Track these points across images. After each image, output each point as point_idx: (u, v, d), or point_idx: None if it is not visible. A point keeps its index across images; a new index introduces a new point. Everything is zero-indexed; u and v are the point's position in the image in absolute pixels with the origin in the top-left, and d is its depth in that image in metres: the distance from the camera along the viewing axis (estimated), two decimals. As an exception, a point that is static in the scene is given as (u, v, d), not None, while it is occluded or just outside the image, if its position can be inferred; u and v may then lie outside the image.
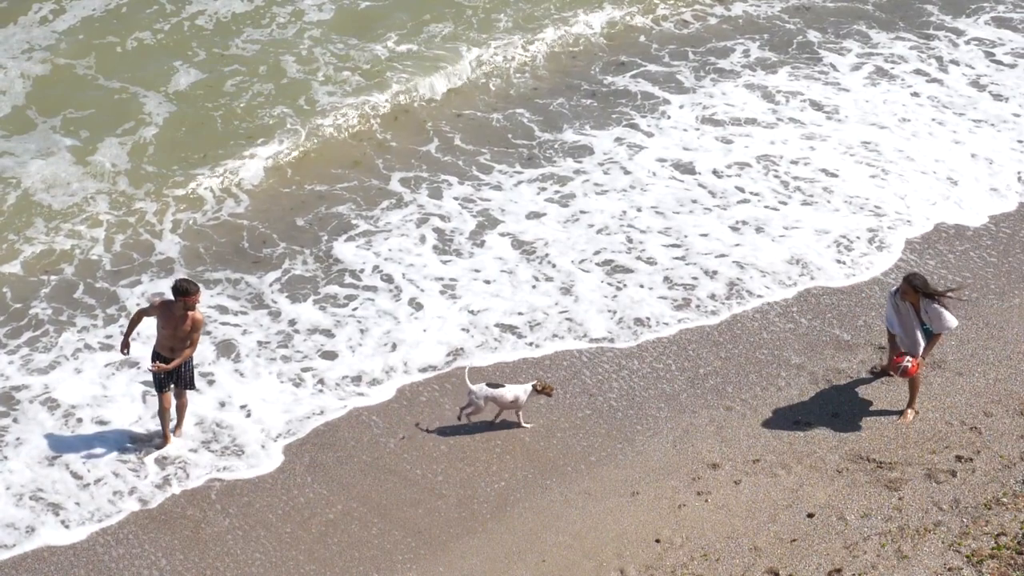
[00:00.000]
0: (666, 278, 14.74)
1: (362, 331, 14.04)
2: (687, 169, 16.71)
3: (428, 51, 18.94)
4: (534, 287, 14.69)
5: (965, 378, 12.90)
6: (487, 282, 14.81)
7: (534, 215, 15.91)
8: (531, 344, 13.77)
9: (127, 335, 12.43)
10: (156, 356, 12.20)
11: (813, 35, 19.73)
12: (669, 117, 17.81)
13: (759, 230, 15.48)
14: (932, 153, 16.83)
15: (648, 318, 14.10)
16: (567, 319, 14.13)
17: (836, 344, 13.52)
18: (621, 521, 11.50)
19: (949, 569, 10.61)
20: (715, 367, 13.32)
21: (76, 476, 12.24)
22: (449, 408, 12.91)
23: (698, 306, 14.25)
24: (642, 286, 14.64)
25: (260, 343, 13.86)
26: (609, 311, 14.23)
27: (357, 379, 13.34)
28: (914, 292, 12.19)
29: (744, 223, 15.61)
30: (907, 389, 12.55)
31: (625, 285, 14.67)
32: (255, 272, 14.95)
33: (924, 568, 10.65)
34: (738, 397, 12.91)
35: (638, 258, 15.11)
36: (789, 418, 12.57)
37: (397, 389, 13.20)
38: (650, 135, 17.41)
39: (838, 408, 12.65)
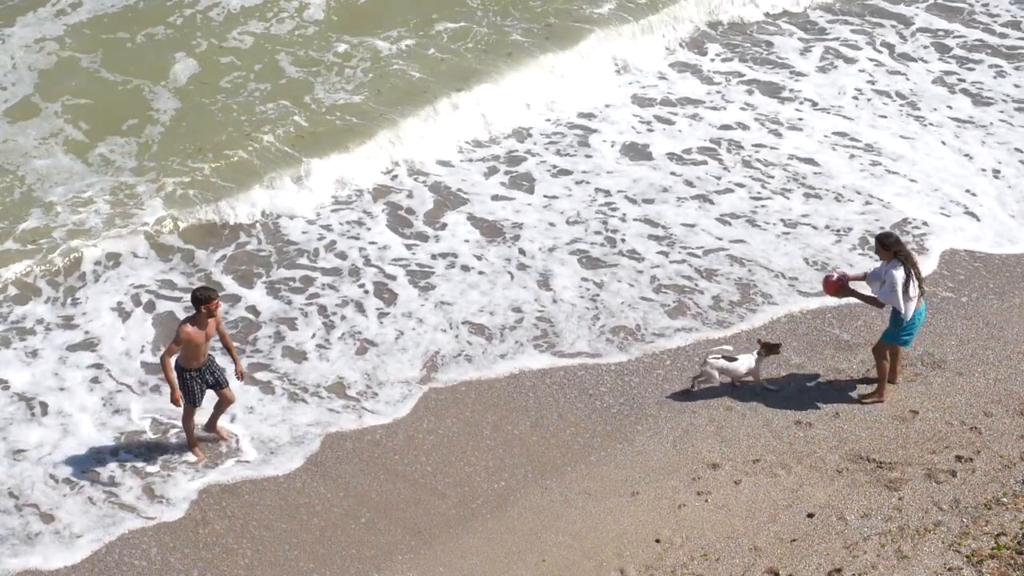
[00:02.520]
0: (653, 277, 14.54)
1: (327, 325, 13.94)
2: (642, 153, 16.51)
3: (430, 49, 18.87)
4: (511, 278, 14.50)
5: (965, 378, 12.89)
6: (465, 268, 14.64)
7: (498, 198, 15.76)
8: (503, 356, 13.51)
9: (174, 387, 11.87)
10: (182, 371, 11.91)
11: (747, 11, 19.53)
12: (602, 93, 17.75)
13: (753, 223, 15.30)
14: (928, 155, 16.62)
15: (639, 327, 13.90)
16: (546, 324, 13.89)
17: (836, 344, 13.50)
18: (621, 521, 11.49)
19: (949, 569, 10.60)
20: (715, 367, 13.32)
21: (57, 477, 12.21)
22: (445, 409, 12.93)
23: (697, 315, 13.99)
24: (619, 280, 14.42)
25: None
26: (592, 318, 13.97)
27: (337, 387, 13.20)
28: (884, 250, 12.13)
29: (734, 215, 15.42)
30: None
31: (604, 282, 14.41)
32: (205, 246, 15.01)
33: (924, 568, 10.64)
34: (738, 397, 12.89)
35: (620, 252, 14.88)
36: (789, 418, 12.56)
37: (381, 400, 13.09)
38: (591, 116, 17.28)
39: (838, 408, 12.63)
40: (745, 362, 12.75)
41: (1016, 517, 11.05)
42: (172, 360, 11.83)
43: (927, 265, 14.43)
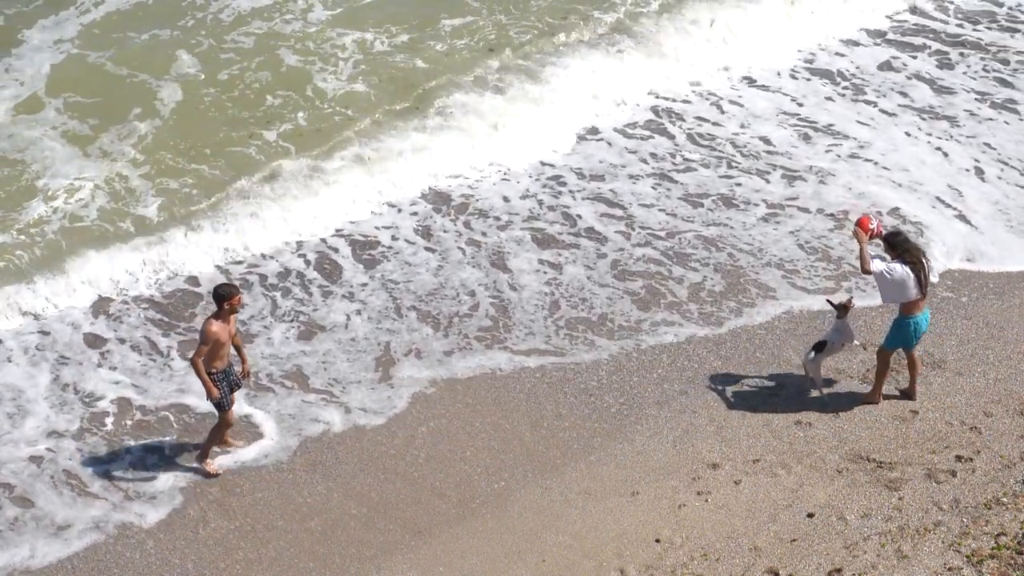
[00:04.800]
0: (615, 261, 14.24)
1: (275, 305, 13.90)
2: (587, 126, 16.34)
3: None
4: (461, 256, 14.36)
5: (965, 378, 12.88)
6: (410, 242, 14.47)
7: (451, 174, 15.72)
8: (457, 354, 13.39)
9: (210, 385, 11.71)
10: (212, 374, 11.82)
11: None
12: (523, 63, 17.61)
13: (731, 205, 15.06)
14: (896, 147, 16.43)
15: (608, 314, 13.73)
16: (505, 316, 13.78)
17: (836, 344, 13.50)
18: (621, 521, 11.49)
19: (949, 569, 10.60)
20: (715, 367, 13.29)
21: (26, 458, 12.23)
22: (444, 407, 12.92)
23: (672, 305, 13.77)
24: (574, 261, 14.22)
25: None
26: (550, 305, 13.77)
27: (295, 376, 13.17)
28: (891, 249, 12.08)
29: (705, 195, 15.12)
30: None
31: (563, 265, 14.22)
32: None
33: (924, 568, 10.64)
34: (738, 397, 12.89)
35: (578, 233, 14.59)
36: (789, 418, 12.55)
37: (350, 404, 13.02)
38: (521, 86, 17.21)
39: (838, 408, 12.63)
40: (842, 327, 12.53)
41: (1016, 517, 11.05)
42: (201, 360, 11.69)
43: (937, 269, 14.38)
